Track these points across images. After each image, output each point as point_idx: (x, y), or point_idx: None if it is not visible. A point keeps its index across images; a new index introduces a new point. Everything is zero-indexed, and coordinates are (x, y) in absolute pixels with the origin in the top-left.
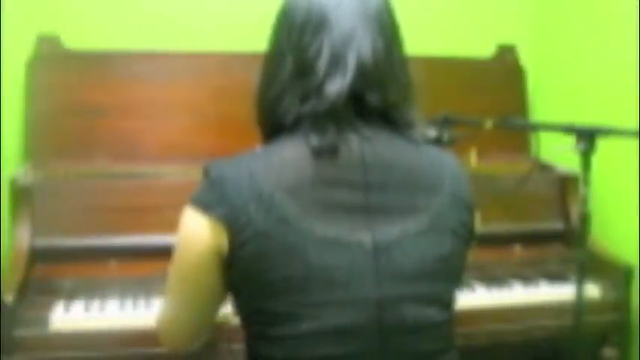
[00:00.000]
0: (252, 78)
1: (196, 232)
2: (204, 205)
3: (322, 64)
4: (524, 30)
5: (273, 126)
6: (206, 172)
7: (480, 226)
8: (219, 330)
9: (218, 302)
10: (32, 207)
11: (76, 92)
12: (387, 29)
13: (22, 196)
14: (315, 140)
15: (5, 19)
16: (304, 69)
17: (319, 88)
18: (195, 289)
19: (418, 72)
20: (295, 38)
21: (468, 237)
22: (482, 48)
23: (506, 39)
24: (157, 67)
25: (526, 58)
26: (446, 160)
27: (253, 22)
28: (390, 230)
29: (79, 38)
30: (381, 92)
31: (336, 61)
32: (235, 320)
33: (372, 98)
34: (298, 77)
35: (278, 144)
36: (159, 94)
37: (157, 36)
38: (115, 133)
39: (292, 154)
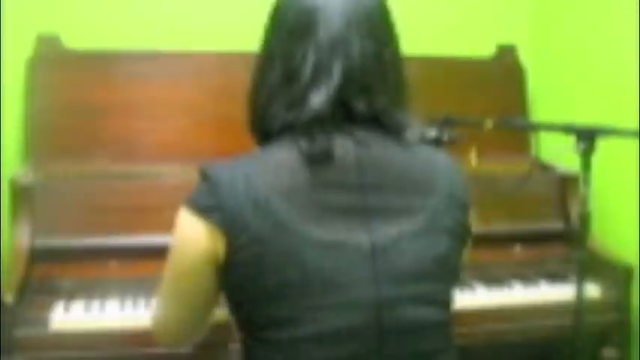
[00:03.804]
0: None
1: (192, 237)
2: (201, 209)
3: (307, 71)
4: (524, 30)
5: (263, 131)
6: (202, 174)
7: (476, 224)
8: (223, 329)
9: (211, 304)
10: (32, 207)
11: (76, 92)
12: (378, 30)
13: (22, 196)
14: (304, 146)
15: (5, 19)
16: (290, 76)
17: (303, 97)
18: (188, 291)
19: (418, 72)
20: (284, 43)
21: (465, 236)
22: (483, 48)
23: (506, 39)
24: (157, 67)
25: (526, 58)
26: (440, 159)
27: (253, 22)
28: (387, 231)
29: (79, 38)
30: (369, 98)
31: (321, 69)
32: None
33: (359, 105)
34: (285, 84)
35: (272, 148)
36: (159, 94)
37: (157, 36)
38: (115, 133)
39: (286, 157)
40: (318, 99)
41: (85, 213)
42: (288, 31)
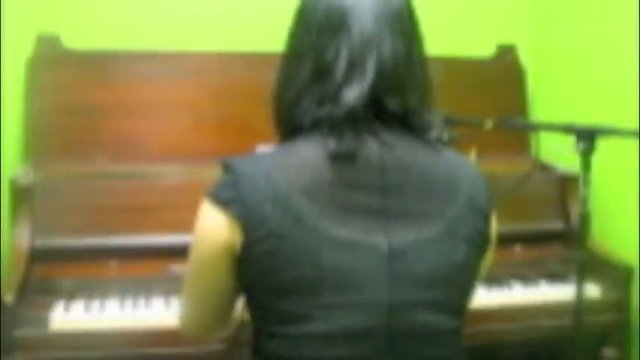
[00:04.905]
0: (252, 78)
1: (212, 228)
2: (221, 201)
3: (340, 68)
4: (524, 30)
5: (290, 127)
6: (225, 167)
7: (496, 230)
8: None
9: (233, 296)
10: (32, 207)
11: (76, 92)
12: (407, 29)
13: (22, 196)
14: (332, 144)
15: (5, 19)
16: (322, 72)
17: (337, 93)
18: (209, 283)
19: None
20: (314, 40)
21: (483, 244)
22: (483, 48)
23: (506, 39)
24: (157, 67)
25: (526, 58)
26: (464, 165)
27: (253, 22)
28: (406, 235)
29: (79, 38)
30: (400, 97)
31: (355, 66)
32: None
33: (391, 103)
34: (316, 80)
35: (296, 144)
36: (159, 94)
37: (157, 36)
38: (115, 133)
39: (310, 154)
40: (352, 95)
41: (85, 213)
42: (318, 29)
